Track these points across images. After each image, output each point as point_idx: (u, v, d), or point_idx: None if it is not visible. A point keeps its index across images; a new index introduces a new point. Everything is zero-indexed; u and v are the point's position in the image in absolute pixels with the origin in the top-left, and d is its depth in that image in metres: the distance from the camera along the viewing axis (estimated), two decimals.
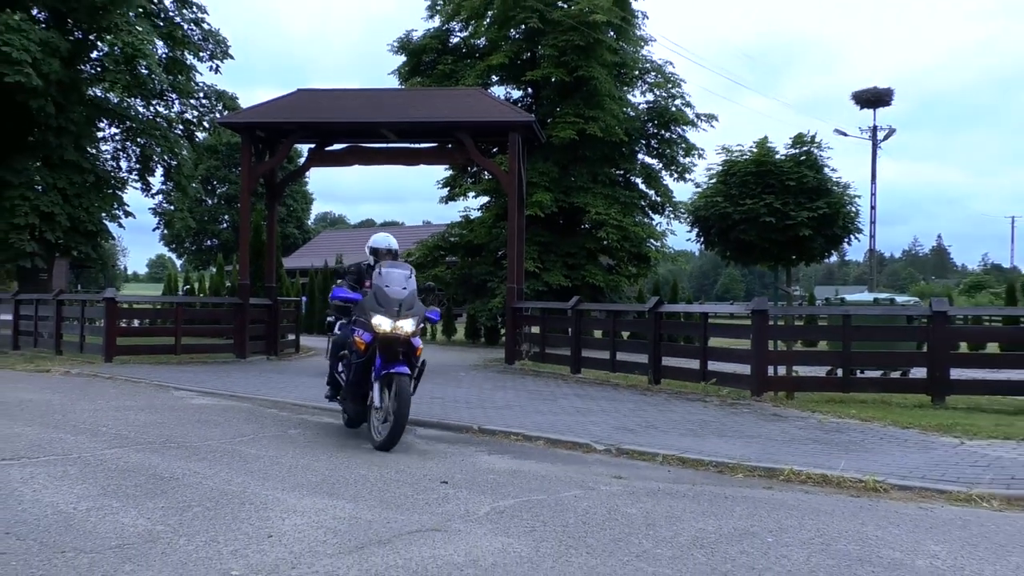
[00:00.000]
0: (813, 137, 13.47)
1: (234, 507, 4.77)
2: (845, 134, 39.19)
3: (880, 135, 39.92)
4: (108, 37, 22.02)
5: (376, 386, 6.83)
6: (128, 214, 26.21)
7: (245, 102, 27.31)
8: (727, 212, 13.00)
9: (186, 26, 25.27)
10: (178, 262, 66.70)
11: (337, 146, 17.04)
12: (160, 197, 28.81)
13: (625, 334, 13.45)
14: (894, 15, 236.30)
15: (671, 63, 32.98)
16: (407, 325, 6.77)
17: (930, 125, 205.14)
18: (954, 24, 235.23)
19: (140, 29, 22.01)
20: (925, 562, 4.03)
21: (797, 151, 13.34)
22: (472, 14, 24.71)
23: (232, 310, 16.20)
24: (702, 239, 14.24)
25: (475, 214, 25.99)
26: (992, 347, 17.71)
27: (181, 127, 26.82)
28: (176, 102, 26.36)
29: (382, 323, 6.69)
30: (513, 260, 15.81)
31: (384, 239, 8.04)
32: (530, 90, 25.57)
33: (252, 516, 4.58)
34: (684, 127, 25.70)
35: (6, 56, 19.22)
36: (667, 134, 25.94)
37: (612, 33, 24.12)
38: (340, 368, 7.59)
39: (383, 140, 16.89)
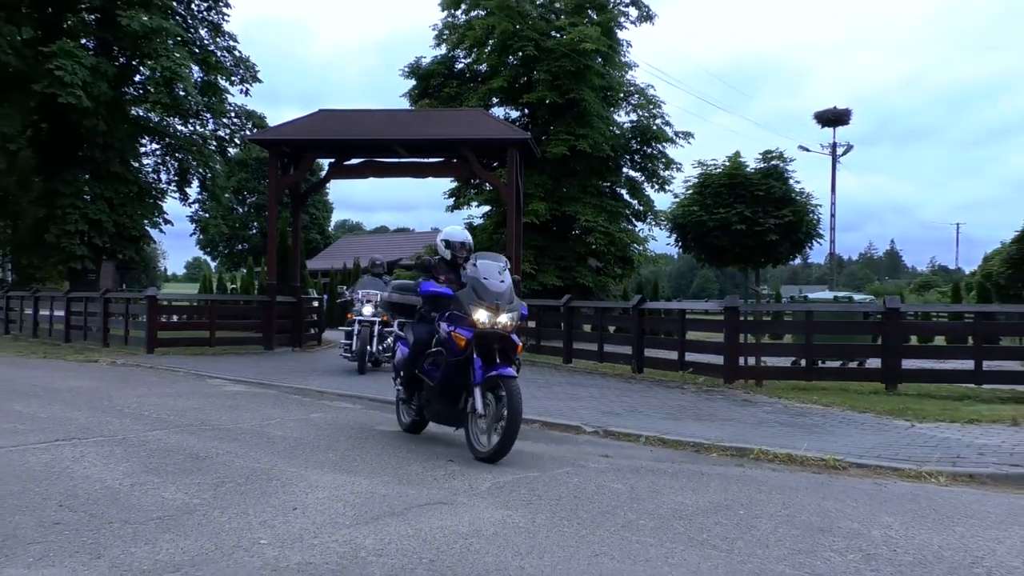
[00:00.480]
0: (780, 153, 13.50)
1: (263, 483, 4.76)
2: (808, 150, 39.22)
3: (839, 151, 39.97)
4: (149, 63, 22.04)
5: (478, 390, 5.63)
6: (167, 221, 26.30)
7: (272, 120, 27.30)
8: (702, 220, 13.03)
9: (219, 53, 25.28)
10: (212, 264, 66.49)
11: (354, 161, 17.02)
12: (196, 206, 28.88)
13: (611, 328, 13.41)
14: (852, 42, 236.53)
15: (652, 86, 33.10)
16: (509, 320, 5.73)
17: (884, 142, 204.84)
18: (899, 52, 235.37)
19: (178, 56, 22.01)
20: (880, 532, 4.03)
21: (765, 165, 13.37)
22: (475, 43, 24.73)
23: (261, 307, 16.17)
24: (680, 244, 14.29)
25: (477, 221, 26.01)
26: (939, 340, 17.69)
27: (215, 143, 26.84)
28: (210, 121, 26.39)
29: (483, 318, 5.63)
30: (511, 262, 15.78)
31: (460, 232, 6.79)
32: (526, 110, 25.57)
33: (279, 491, 4.57)
34: (664, 143, 25.74)
35: (59, 79, 19.23)
36: (649, 150, 25.99)
37: (600, 60, 24.15)
38: (428, 366, 6.23)
39: (395, 155, 16.87)
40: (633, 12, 25.86)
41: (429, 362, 6.19)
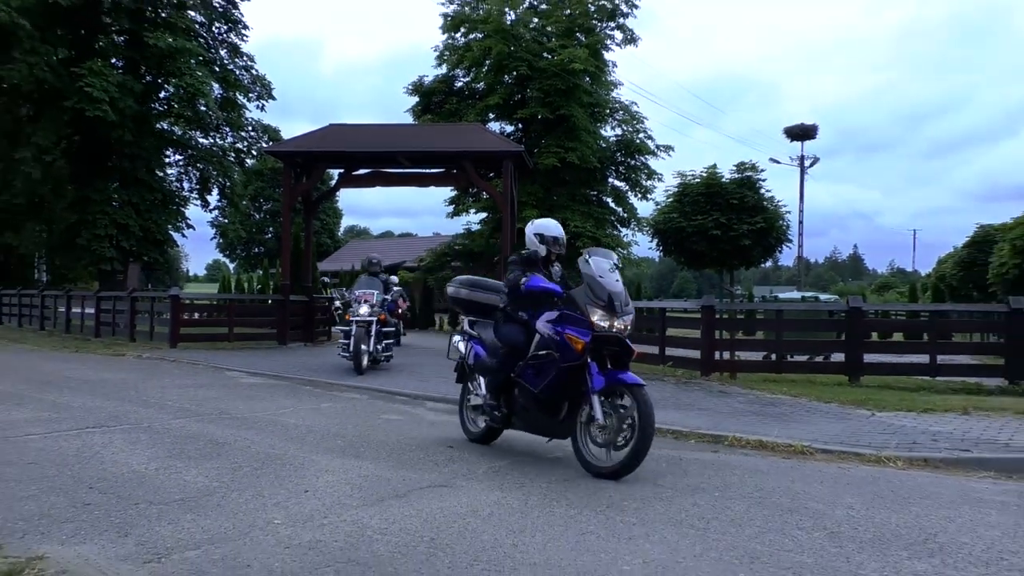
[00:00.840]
0: (752, 165, 13.55)
1: (276, 467, 4.76)
2: (778, 162, 39.17)
3: (807, 163, 40.02)
4: (174, 80, 21.96)
5: (596, 399, 4.68)
6: (189, 226, 26.23)
7: (285, 134, 27.23)
8: (681, 226, 13.08)
9: (237, 72, 25.22)
10: (231, 266, 66.15)
11: (362, 171, 16.97)
12: (216, 212, 28.82)
13: None
14: (818, 63, 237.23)
15: (635, 103, 33.17)
16: (624, 323, 4.83)
17: (848, 153, 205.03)
18: (863, 71, 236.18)
19: (200, 74, 21.96)
20: (843, 512, 4.04)
21: (739, 176, 13.44)
22: (473, 63, 24.71)
23: (275, 305, 16.13)
24: (661, 248, 14.35)
25: (475, 227, 26.00)
26: (898, 336, 17.77)
27: (233, 155, 26.77)
28: (229, 134, 26.33)
29: (601, 319, 4.76)
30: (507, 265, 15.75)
31: (555, 226, 5.64)
32: (520, 125, 25.54)
33: (291, 475, 4.57)
34: (646, 156, 25.70)
35: (88, 95, 19.18)
36: (632, 162, 25.95)
37: (588, 79, 24.14)
38: (529, 371, 5.12)
39: (400, 166, 16.85)
40: (618, 35, 25.86)
41: (531, 366, 5.12)
